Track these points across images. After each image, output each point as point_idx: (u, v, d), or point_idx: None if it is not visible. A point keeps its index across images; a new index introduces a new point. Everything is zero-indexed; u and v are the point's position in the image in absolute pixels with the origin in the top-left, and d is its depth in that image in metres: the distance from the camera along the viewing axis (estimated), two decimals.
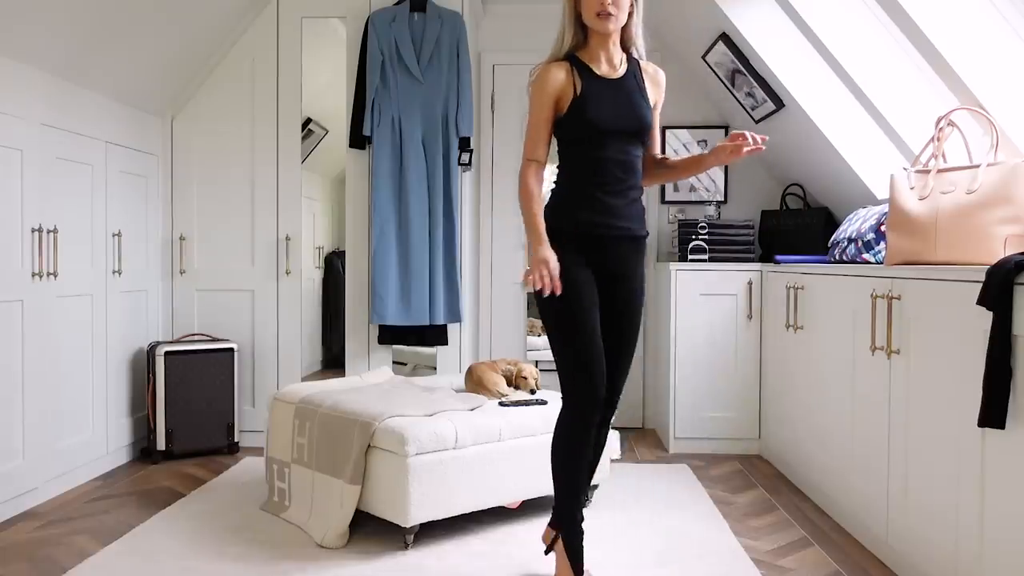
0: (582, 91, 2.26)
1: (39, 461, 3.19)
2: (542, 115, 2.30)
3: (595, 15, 2.22)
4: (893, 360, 2.54)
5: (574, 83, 2.26)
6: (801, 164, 4.23)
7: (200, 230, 4.22)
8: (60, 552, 2.71)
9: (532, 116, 2.32)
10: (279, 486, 3.10)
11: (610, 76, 2.31)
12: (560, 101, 2.28)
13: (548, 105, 2.28)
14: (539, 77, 2.29)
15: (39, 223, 3.16)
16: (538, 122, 2.31)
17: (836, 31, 3.22)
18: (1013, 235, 2.28)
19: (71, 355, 3.42)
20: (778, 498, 3.38)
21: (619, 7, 2.23)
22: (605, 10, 2.21)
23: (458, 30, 4.00)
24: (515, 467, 2.90)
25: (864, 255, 3.10)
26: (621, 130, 2.27)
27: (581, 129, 2.27)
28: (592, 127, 2.26)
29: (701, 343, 4.10)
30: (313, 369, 5.72)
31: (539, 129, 2.31)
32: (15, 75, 3.02)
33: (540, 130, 2.31)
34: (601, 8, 2.21)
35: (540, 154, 2.33)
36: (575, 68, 2.28)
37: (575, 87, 2.26)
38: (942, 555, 2.26)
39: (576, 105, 2.26)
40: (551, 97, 2.27)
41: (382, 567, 2.61)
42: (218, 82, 4.20)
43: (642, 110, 2.31)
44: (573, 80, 2.27)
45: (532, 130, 2.32)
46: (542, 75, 2.28)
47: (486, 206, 4.75)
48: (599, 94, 2.27)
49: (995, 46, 2.60)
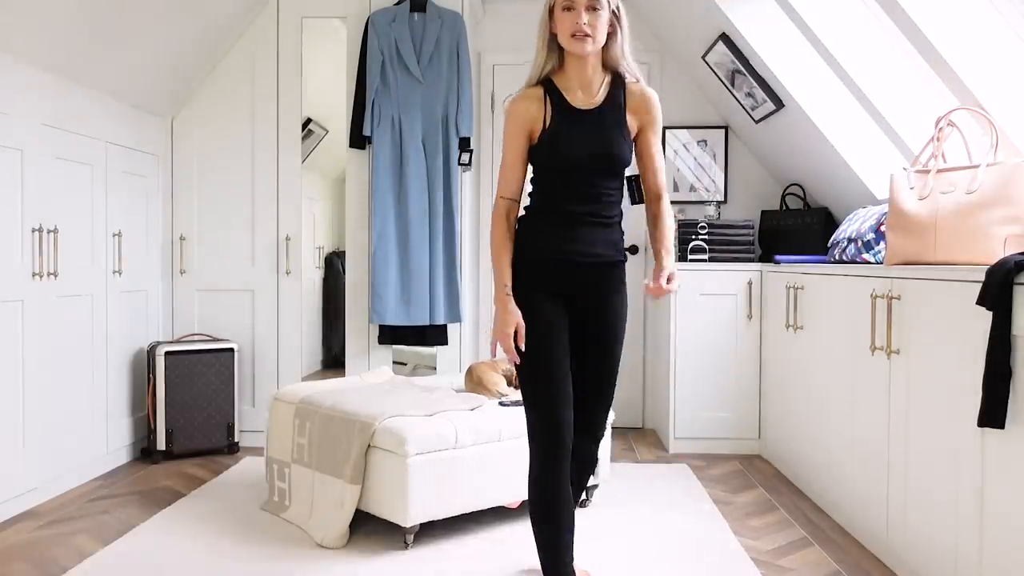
0: (551, 124, 2.10)
1: (39, 461, 3.19)
2: (514, 151, 2.14)
3: (570, 36, 2.05)
4: (893, 360, 2.54)
5: (544, 115, 2.11)
6: (801, 164, 4.23)
7: (200, 230, 4.23)
8: (60, 552, 2.71)
9: (505, 151, 2.16)
10: (279, 486, 3.10)
11: (586, 106, 2.12)
12: (532, 133, 2.13)
13: (520, 138, 2.13)
14: (510, 112, 2.14)
15: (39, 223, 3.16)
16: (511, 158, 2.15)
17: (836, 31, 3.22)
18: (1013, 235, 2.28)
19: (71, 355, 3.42)
20: (778, 498, 3.38)
21: (596, 27, 2.05)
22: (581, 31, 2.03)
23: (458, 30, 4.01)
24: (515, 467, 2.90)
25: (864, 255, 3.10)
26: (590, 166, 2.11)
27: (549, 161, 2.13)
28: (560, 161, 2.11)
29: (701, 343, 4.10)
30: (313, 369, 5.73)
31: (512, 165, 2.16)
32: (15, 75, 3.02)
33: (513, 166, 2.16)
34: (576, 29, 2.03)
35: (513, 190, 2.17)
36: (548, 97, 2.12)
37: (545, 120, 2.11)
38: (942, 555, 2.26)
39: (544, 139, 2.11)
40: (523, 130, 2.13)
41: (382, 567, 2.61)
42: (218, 82, 4.20)
43: (614, 147, 2.11)
44: (544, 111, 2.11)
45: (504, 166, 2.16)
46: (512, 110, 2.13)
47: (486, 206, 4.75)
48: (569, 128, 2.10)
49: (995, 46, 2.60)
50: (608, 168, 2.13)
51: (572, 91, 2.14)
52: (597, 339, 2.20)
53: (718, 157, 4.68)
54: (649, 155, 2.23)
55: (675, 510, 3.18)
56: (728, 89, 4.21)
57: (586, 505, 3.21)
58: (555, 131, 2.11)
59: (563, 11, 2.06)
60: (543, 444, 2.13)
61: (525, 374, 2.15)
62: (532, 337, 2.12)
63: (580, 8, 2.04)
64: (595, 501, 3.25)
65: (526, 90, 2.16)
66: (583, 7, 2.04)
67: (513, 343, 2.10)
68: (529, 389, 2.15)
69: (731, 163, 4.70)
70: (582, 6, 2.04)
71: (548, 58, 2.13)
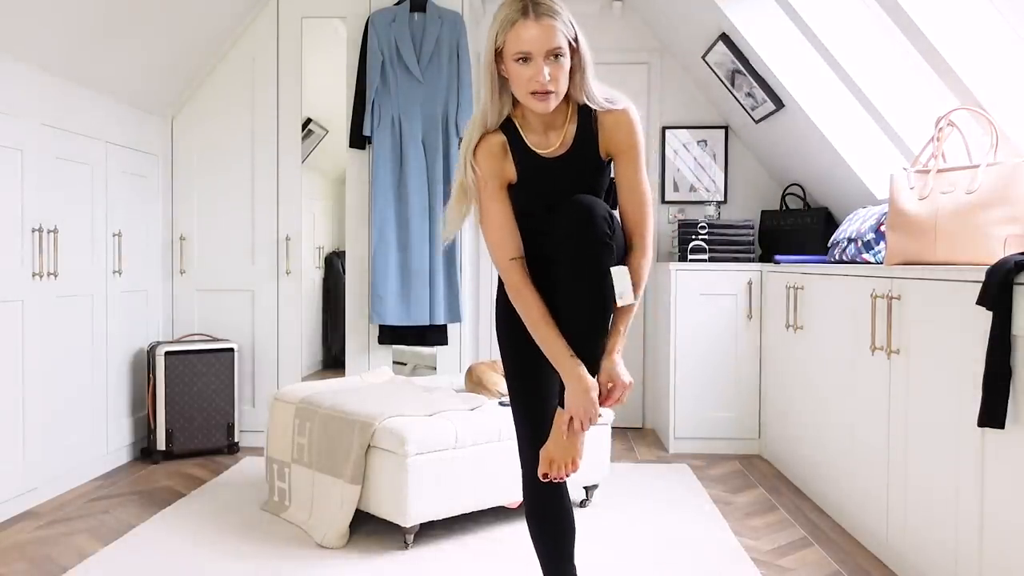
0: (519, 177, 1.81)
1: (39, 461, 3.19)
2: (500, 208, 1.82)
3: (529, 95, 1.69)
4: (893, 360, 2.54)
5: (513, 166, 1.81)
6: (801, 164, 4.23)
7: (200, 230, 4.22)
8: (60, 552, 2.71)
9: (488, 210, 1.82)
10: (279, 486, 3.10)
11: (553, 153, 1.80)
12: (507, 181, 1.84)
13: (501, 192, 1.82)
14: (484, 170, 1.81)
15: (39, 223, 3.16)
16: (501, 217, 1.82)
17: (836, 31, 3.22)
18: (1013, 235, 2.28)
19: (71, 355, 3.42)
20: (778, 498, 3.38)
21: (559, 80, 1.69)
22: (541, 88, 1.68)
23: (458, 30, 4.01)
24: (515, 467, 2.88)
25: (864, 255, 3.10)
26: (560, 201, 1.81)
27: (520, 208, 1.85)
28: (529, 208, 1.85)
29: (701, 343, 4.10)
30: (313, 369, 5.72)
31: (502, 223, 1.82)
32: (15, 75, 3.02)
33: (503, 224, 1.82)
34: (537, 87, 1.68)
35: (515, 247, 1.82)
36: (511, 146, 1.81)
37: (514, 171, 1.82)
38: (942, 555, 2.26)
39: (515, 190, 1.84)
40: (501, 187, 1.82)
41: (382, 567, 2.61)
42: (218, 82, 4.20)
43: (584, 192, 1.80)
44: (511, 162, 1.81)
45: (492, 227, 1.83)
46: (483, 167, 1.81)
47: None
48: (538, 179, 1.81)
49: (995, 46, 2.60)
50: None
51: (536, 133, 1.81)
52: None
53: (718, 157, 4.68)
54: (624, 189, 1.83)
55: (675, 510, 3.18)
56: (728, 89, 4.21)
57: (586, 505, 3.21)
58: (523, 183, 1.83)
59: (517, 62, 1.69)
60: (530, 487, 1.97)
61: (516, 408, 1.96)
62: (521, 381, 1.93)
63: (539, 59, 1.67)
64: (595, 501, 3.25)
65: (488, 139, 1.81)
66: (542, 56, 1.67)
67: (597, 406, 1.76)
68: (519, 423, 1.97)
69: (731, 163, 4.70)
70: (541, 55, 1.67)
71: (500, 105, 1.79)
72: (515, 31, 1.68)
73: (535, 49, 1.67)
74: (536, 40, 1.67)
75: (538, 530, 1.99)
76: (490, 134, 1.82)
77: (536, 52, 1.67)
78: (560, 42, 1.68)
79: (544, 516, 1.92)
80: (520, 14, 1.68)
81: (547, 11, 1.68)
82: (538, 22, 1.67)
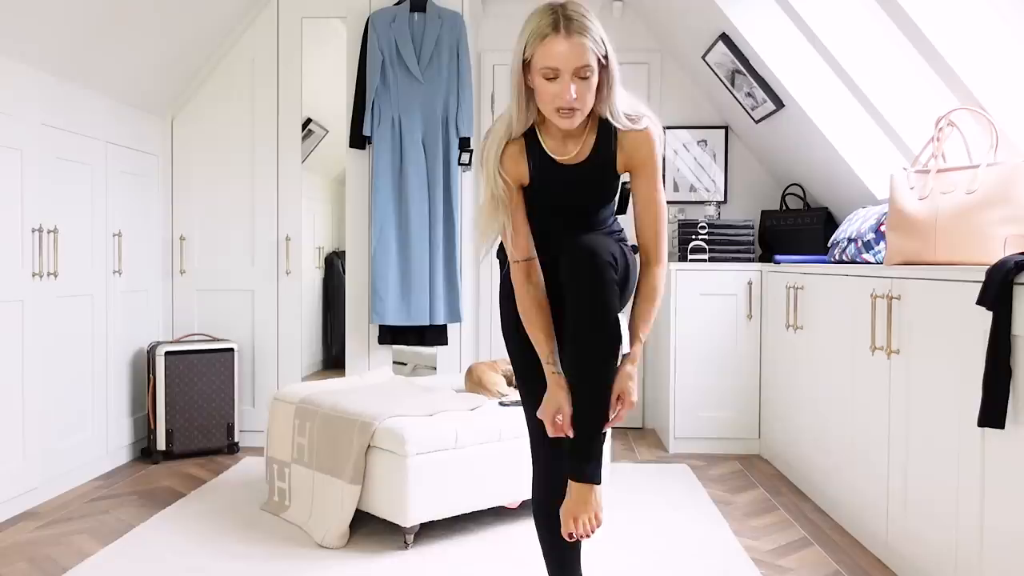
0: (532, 181, 1.83)
1: (39, 461, 3.19)
2: (514, 207, 1.83)
3: (555, 111, 1.69)
4: (893, 360, 2.54)
5: (528, 172, 1.83)
6: (801, 164, 4.23)
7: (200, 230, 4.22)
8: (60, 552, 2.71)
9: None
10: (279, 486, 3.10)
11: (569, 160, 1.81)
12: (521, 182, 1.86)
13: (516, 194, 1.84)
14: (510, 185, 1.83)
15: (39, 223, 3.16)
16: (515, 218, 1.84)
17: (836, 31, 3.22)
18: (1013, 235, 2.28)
19: (71, 355, 3.42)
20: (778, 498, 3.38)
21: (585, 99, 1.69)
22: (567, 106, 1.67)
23: (458, 30, 4.01)
24: (515, 467, 2.90)
25: (864, 255, 3.10)
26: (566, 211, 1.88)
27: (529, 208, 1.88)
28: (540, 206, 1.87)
29: (701, 343, 4.10)
30: (313, 369, 5.73)
31: (517, 226, 1.83)
32: (15, 75, 3.02)
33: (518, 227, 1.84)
34: (562, 104, 1.67)
35: (526, 248, 1.83)
36: (527, 148, 1.82)
37: (529, 176, 1.84)
38: (942, 555, 2.26)
39: (525, 191, 1.86)
40: (518, 189, 1.85)
41: (382, 567, 2.61)
42: (218, 82, 4.20)
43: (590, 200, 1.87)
44: (527, 168, 1.83)
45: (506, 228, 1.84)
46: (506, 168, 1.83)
47: None
48: (551, 182, 1.83)
49: (995, 46, 2.60)
50: (584, 212, 1.89)
51: (555, 139, 1.82)
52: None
53: (718, 157, 4.68)
54: (641, 203, 1.85)
55: (675, 510, 3.18)
56: (728, 89, 4.21)
57: None
58: (535, 187, 1.85)
59: (544, 77, 1.68)
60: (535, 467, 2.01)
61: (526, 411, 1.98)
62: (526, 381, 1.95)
63: (567, 75, 1.65)
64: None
65: (509, 145, 1.82)
66: (570, 73, 1.65)
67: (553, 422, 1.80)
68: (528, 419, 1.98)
69: (731, 163, 4.70)
70: (569, 72, 1.65)
71: (527, 117, 1.79)
72: (545, 46, 1.66)
73: (563, 66, 1.65)
74: (565, 57, 1.64)
75: (546, 529, 2.00)
76: (513, 142, 1.82)
77: (564, 69, 1.65)
78: (589, 60, 1.66)
79: (552, 514, 1.92)
80: (551, 28, 1.65)
81: (579, 28, 1.65)
82: (568, 39, 1.65)
